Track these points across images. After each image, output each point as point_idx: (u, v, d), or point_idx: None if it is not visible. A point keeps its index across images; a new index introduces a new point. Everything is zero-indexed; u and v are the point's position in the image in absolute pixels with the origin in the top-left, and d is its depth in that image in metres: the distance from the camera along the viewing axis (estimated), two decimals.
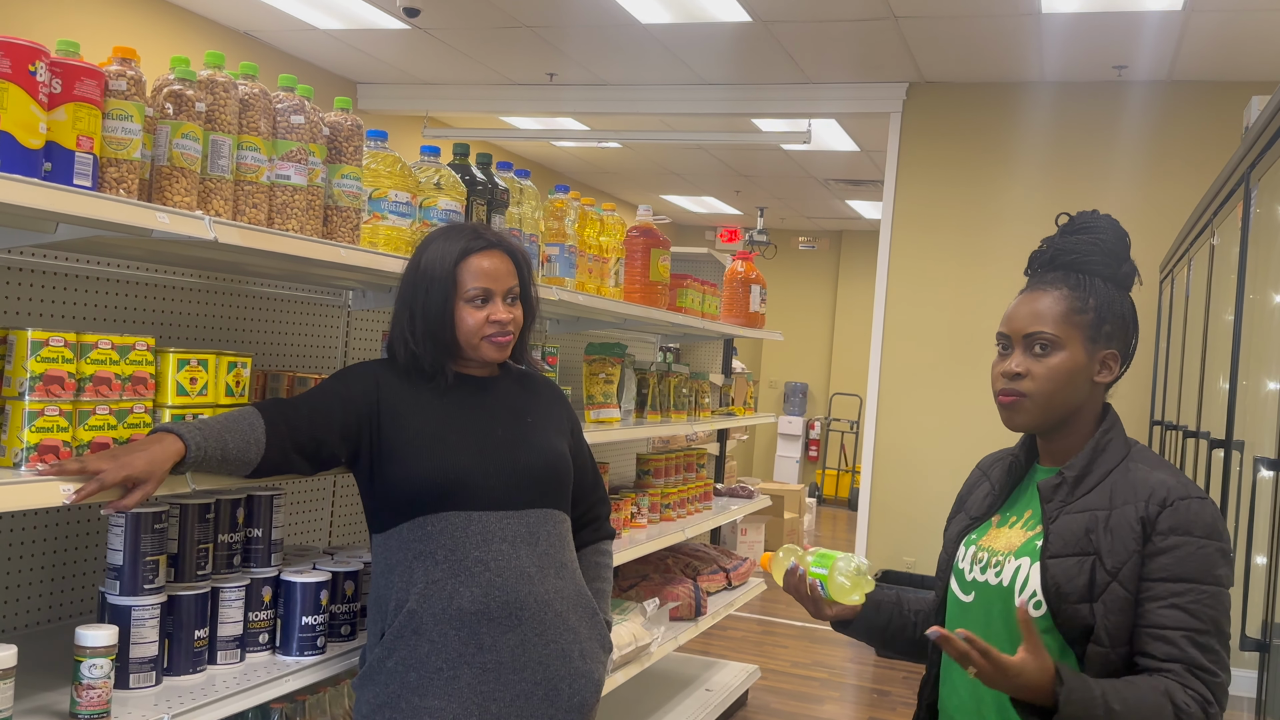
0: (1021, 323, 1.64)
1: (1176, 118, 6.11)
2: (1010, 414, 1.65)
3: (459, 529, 1.98)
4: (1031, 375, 1.62)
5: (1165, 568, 1.50)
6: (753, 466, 12.99)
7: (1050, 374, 1.61)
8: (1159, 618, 1.49)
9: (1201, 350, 3.93)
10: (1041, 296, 1.65)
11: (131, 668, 1.86)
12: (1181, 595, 1.48)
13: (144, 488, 1.64)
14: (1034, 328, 1.63)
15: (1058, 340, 1.62)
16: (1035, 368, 1.62)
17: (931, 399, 6.52)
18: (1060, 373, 1.61)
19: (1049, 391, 1.62)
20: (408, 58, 7.00)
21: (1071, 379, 1.62)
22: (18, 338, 1.63)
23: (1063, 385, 1.62)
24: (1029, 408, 1.63)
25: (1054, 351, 1.62)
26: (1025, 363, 1.63)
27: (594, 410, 3.47)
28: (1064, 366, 1.61)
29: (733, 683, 4.80)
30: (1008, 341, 1.67)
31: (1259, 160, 2.93)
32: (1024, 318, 1.64)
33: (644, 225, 3.76)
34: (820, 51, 6.14)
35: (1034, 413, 1.63)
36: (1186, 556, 1.49)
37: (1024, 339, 1.64)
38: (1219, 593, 1.50)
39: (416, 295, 2.06)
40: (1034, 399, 1.62)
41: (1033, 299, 1.65)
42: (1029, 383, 1.62)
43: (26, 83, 1.53)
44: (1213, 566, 1.50)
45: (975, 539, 1.71)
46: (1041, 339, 1.62)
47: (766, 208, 11.62)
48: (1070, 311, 1.62)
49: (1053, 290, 1.64)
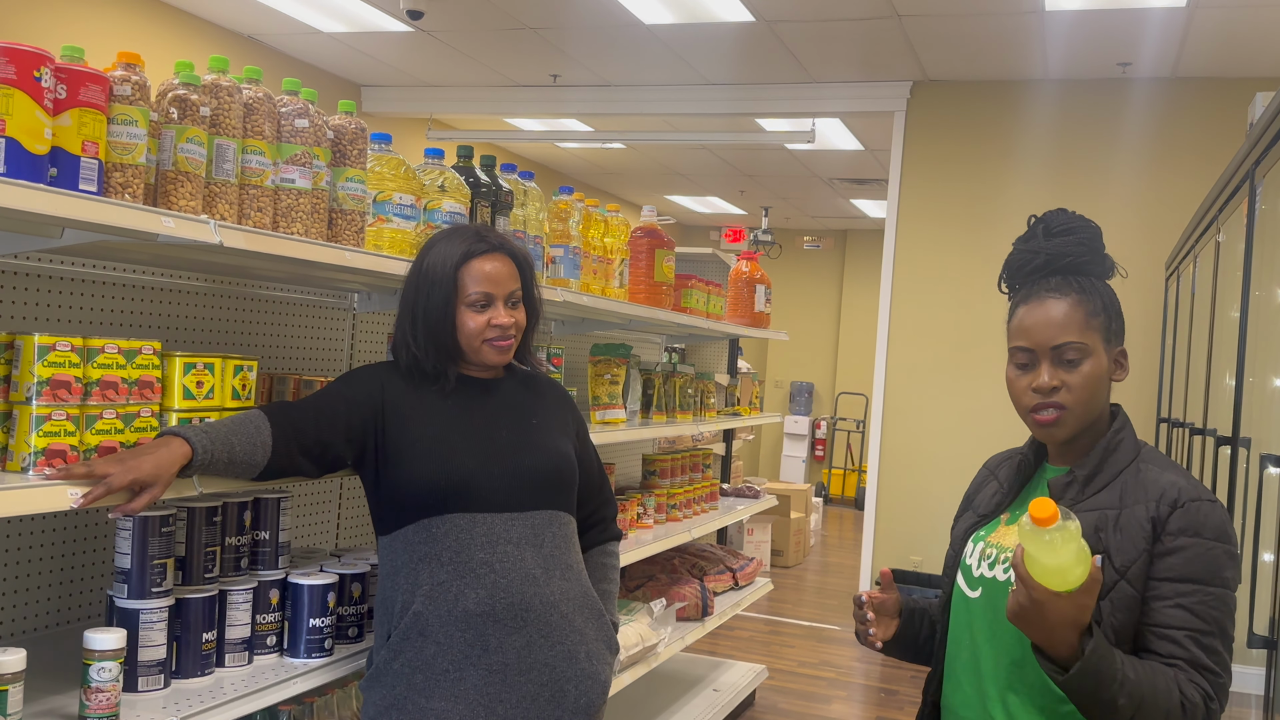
0: (1046, 334, 1.60)
1: (1181, 114, 6.10)
2: (1052, 430, 1.61)
3: (464, 531, 1.98)
4: (1069, 387, 1.59)
5: (1173, 568, 1.50)
6: (759, 466, 12.98)
7: (1085, 383, 1.59)
8: (1165, 617, 1.49)
9: (1208, 347, 3.92)
10: (1056, 305, 1.61)
11: (140, 671, 1.87)
12: (1188, 596, 1.49)
13: (151, 491, 1.65)
14: (1062, 339, 1.59)
15: (1086, 348, 1.59)
16: (1071, 379, 1.59)
17: (937, 397, 6.51)
18: (1093, 380, 1.59)
19: (1085, 400, 1.59)
20: (412, 60, 7.01)
21: (1100, 384, 1.61)
22: (24, 342, 1.63)
23: (1094, 392, 1.60)
24: (1069, 421, 1.60)
25: (1084, 360, 1.59)
26: (1059, 375, 1.59)
27: (599, 411, 3.47)
28: (1095, 373, 1.59)
29: (740, 683, 4.80)
30: (1031, 356, 1.62)
31: (1264, 157, 2.93)
32: (1047, 329, 1.60)
33: (648, 226, 3.77)
34: (824, 51, 6.14)
35: (1073, 425, 1.61)
36: (1195, 558, 1.49)
37: (1052, 351, 1.60)
38: (1225, 595, 1.50)
39: (419, 298, 2.06)
40: (1073, 411, 1.59)
41: (1047, 308, 1.61)
42: (1067, 395, 1.59)
43: (32, 88, 1.53)
44: (1220, 569, 1.50)
45: (983, 535, 1.71)
46: (1072, 349, 1.59)
47: (771, 207, 11.62)
48: (1088, 316, 1.60)
49: (1064, 297, 1.61)
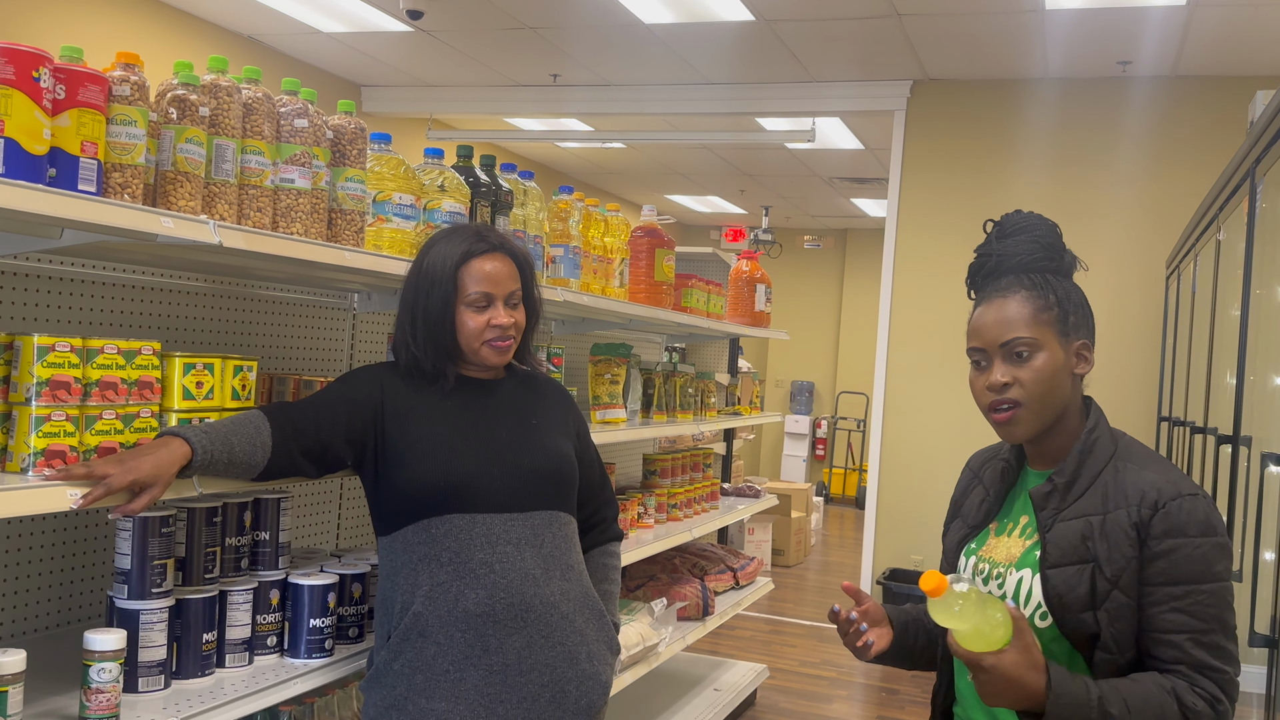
0: (994, 333, 1.61)
1: (1181, 113, 6.10)
2: (1009, 428, 1.62)
3: (463, 531, 1.98)
4: (1020, 382, 1.59)
5: (1163, 571, 1.49)
6: (759, 466, 12.98)
7: (1037, 377, 1.59)
8: (1161, 622, 1.48)
9: (1208, 346, 3.92)
10: (1005, 303, 1.61)
11: (140, 671, 1.87)
12: (1182, 599, 1.48)
13: (151, 492, 1.65)
14: (1009, 335, 1.59)
15: (1035, 342, 1.59)
16: (1021, 374, 1.59)
17: (938, 396, 6.50)
18: (1046, 374, 1.59)
19: (1040, 395, 1.59)
20: (411, 60, 7.01)
21: (1056, 377, 1.60)
22: (24, 343, 1.63)
23: (1050, 386, 1.59)
24: (1025, 417, 1.60)
25: (1034, 354, 1.59)
26: (1009, 371, 1.60)
27: (600, 411, 3.47)
28: (1048, 367, 1.59)
29: (741, 682, 4.80)
30: (984, 355, 1.63)
31: (1264, 155, 2.93)
32: (995, 327, 1.61)
33: (648, 225, 3.76)
34: (824, 50, 6.13)
35: (1030, 421, 1.60)
36: (1183, 559, 1.48)
37: (1001, 348, 1.60)
38: (1220, 589, 1.49)
39: (418, 298, 2.06)
40: (1028, 406, 1.59)
41: (996, 308, 1.62)
42: (1019, 390, 1.59)
43: (30, 89, 1.53)
44: (1211, 564, 1.49)
45: (975, 549, 1.70)
46: (1019, 344, 1.59)
47: (771, 207, 11.61)
48: (1037, 311, 1.60)
49: (1013, 295, 1.62)
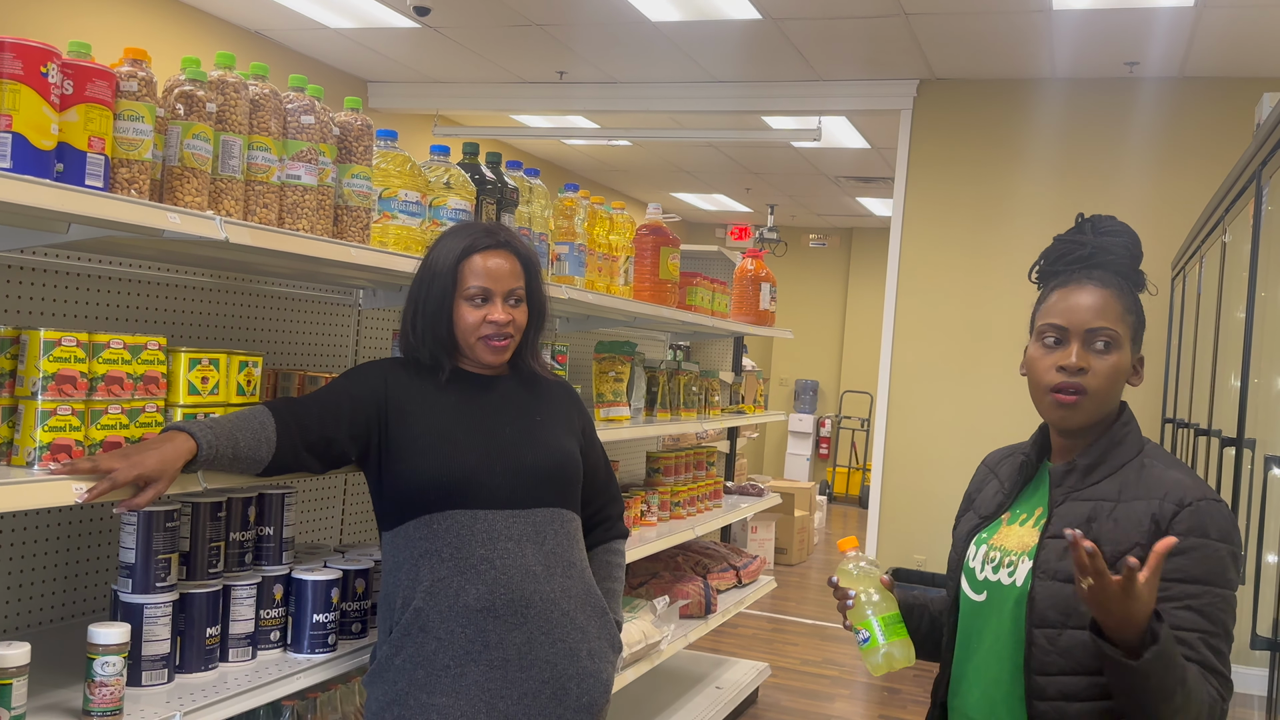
0: (1084, 316, 1.57)
1: (1188, 114, 6.08)
2: (1069, 411, 1.58)
3: (464, 527, 1.98)
4: (1095, 372, 1.57)
5: (1181, 569, 1.48)
6: (763, 464, 12.98)
7: (1109, 372, 1.57)
8: (1175, 619, 1.48)
9: (1213, 348, 3.92)
10: (1098, 292, 1.58)
11: (144, 665, 1.87)
12: (1197, 598, 1.48)
13: (156, 486, 1.65)
14: (1099, 323, 1.57)
15: (1118, 338, 1.57)
16: (1097, 364, 1.57)
17: (942, 396, 6.50)
18: (1116, 371, 1.57)
19: (1105, 389, 1.57)
20: (418, 56, 7.01)
21: (1120, 378, 1.58)
22: (30, 337, 1.64)
23: (1115, 384, 1.57)
24: (1088, 406, 1.57)
25: (1113, 349, 1.57)
26: (1086, 358, 1.57)
27: (604, 408, 3.47)
28: (1120, 365, 1.57)
29: (743, 680, 4.80)
30: (1063, 335, 1.59)
31: (1270, 157, 2.92)
32: (1087, 311, 1.57)
33: (653, 223, 3.77)
34: (831, 48, 6.13)
35: (1091, 411, 1.58)
36: (1202, 559, 1.49)
37: (1086, 333, 1.57)
38: (1229, 595, 1.50)
39: (421, 290, 2.07)
40: (1093, 396, 1.57)
41: (1090, 293, 1.59)
42: (1092, 379, 1.57)
43: (38, 84, 1.54)
44: (1224, 570, 1.50)
45: (986, 538, 1.70)
46: (1105, 335, 1.57)
47: (777, 205, 11.61)
48: (1125, 311, 1.59)
49: (1106, 288, 1.59)
